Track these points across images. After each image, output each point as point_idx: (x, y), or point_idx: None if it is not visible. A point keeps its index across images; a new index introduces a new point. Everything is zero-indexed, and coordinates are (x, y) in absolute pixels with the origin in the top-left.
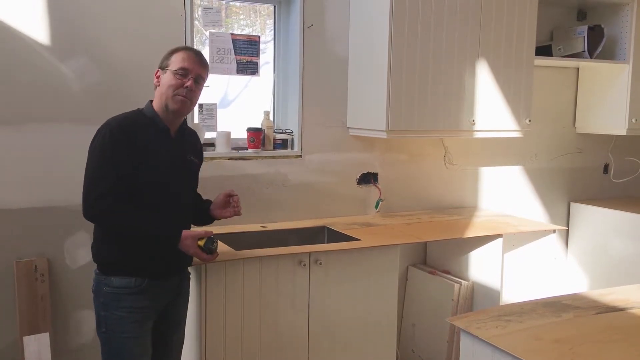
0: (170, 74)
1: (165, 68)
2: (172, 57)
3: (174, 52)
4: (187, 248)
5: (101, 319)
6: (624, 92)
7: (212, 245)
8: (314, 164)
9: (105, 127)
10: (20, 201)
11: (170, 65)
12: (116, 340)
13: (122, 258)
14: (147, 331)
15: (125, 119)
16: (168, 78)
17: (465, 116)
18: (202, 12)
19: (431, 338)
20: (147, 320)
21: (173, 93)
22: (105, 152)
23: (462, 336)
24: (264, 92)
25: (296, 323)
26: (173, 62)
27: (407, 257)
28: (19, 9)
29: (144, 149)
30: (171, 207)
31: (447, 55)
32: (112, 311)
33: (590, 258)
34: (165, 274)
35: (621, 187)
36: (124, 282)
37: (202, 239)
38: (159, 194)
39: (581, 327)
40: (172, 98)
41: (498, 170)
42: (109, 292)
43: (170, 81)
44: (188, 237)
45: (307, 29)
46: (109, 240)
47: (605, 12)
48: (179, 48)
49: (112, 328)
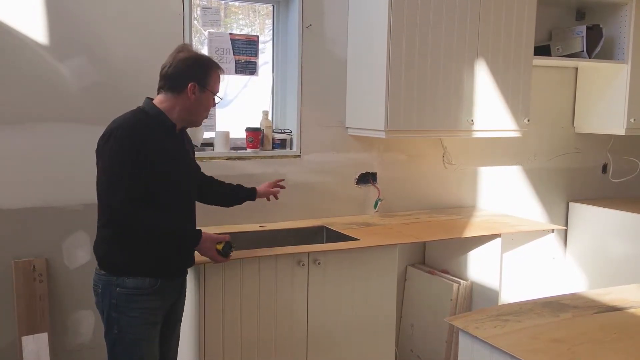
0: (211, 97)
1: (204, 86)
2: (212, 76)
3: (212, 69)
4: (206, 250)
5: (112, 320)
6: (623, 91)
7: (230, 250)
8: (313, 163)
9: (120, 131)
10: (18, 201)
11: (211, 86)
12: (128, 342)
13: (136, 259)
14: (157, 332)
15: (136, 122)
16: (209, 100)
17: (464, 116)
18: (201, 12)
19: (430, 338)
20: (157, 321)
21: (205, 114)
22: (124, 156)
23: (461, 336)
24: (263, 92)
25: (295, 323)
26: (213, 83)
27: (406, 257)
28: (18, 9)
29: (158, 150)
30: (184, 205)
31: (445, 55)
32: (125, 312)
33: (588, 258)
34: (176, 274)
35: (620, 186)
36: (137, 282)
37: (220, 243)
38: (173, 192)
39: (579, 327)
40: (201, 118)
41: (497, 170)
42: (122, 293)
43: (209, 104)
44: (207, 240)
45: (306, 29)
46: (122, 241)
47: (604, 12)
48: (213, 64)
49: (125, 329)
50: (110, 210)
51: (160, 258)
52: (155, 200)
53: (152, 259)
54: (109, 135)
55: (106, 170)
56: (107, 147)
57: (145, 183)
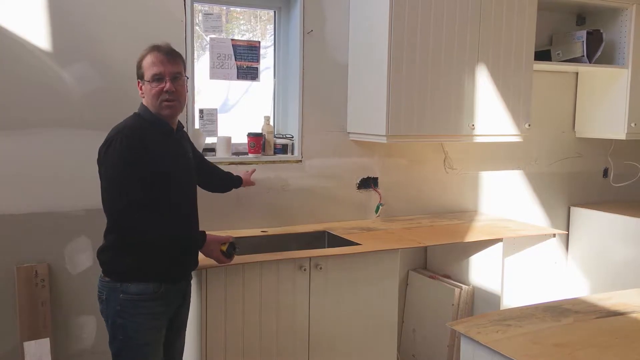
0: (148, 85)
1: (141, 78)
2: (143, 64)
3: (143, 58)
4: (210, 252)
5: (117, 327)
6: (623, 96)
7: (234, 250)
8: (314, 168)
9: (121, 137)
10: (20, 206)
11: (145, 74)
12: (134, 348)
13: (139, 264)
14: (162, 337)
15: (137, 127)
16: (147, 89)
17: (465, 121)
18: (203, 18)
19: (432, 343)
20: (162, 326)
21: (158, 101)
22: (125, 162)
23: (463, 341)
24: (264, 97)
25: (296, 328)
26: (145, 70)
27: (407, 261)
28: (21, 15)
29: (159, 154)
30: (187, 208)
31: (446, 60)
32: (130, 318)
33: (590, 262)
34: (180, 278)
35: (621, 191)
36: (141, 288)
37: (225, 244)
38: (175, 196)
39: (581, 332)
40: (160, 105)
41: (498, 174)
42: (126, 299)
43: (150, 91)
44: (212, 241)
45: (307, 35)
46: (125, 247)
47: (604, 17)
48: (146, 50)
49: (130, 335)
50: (114, 217)
51: (163, 263)
52: (159, 205)
53: (155, 264)
54: (109, 143)
55: (108, 177)
56: (108, 154)
57: (148, 188)
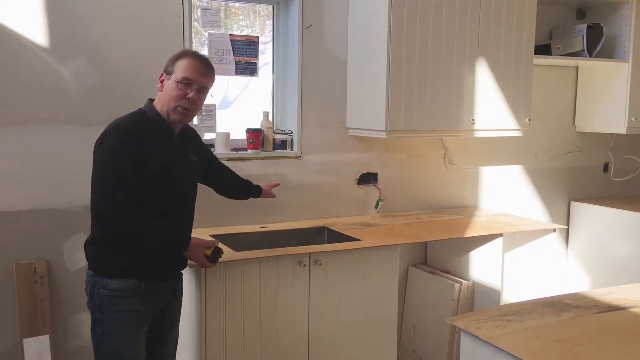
0: (174, 84)
1: (169, 73)
2: (178, 63)
3: (181, 58)
4: (193, 255)
5: (97, 321)
6: (624, 90)
7: (219, 255)
8: (314, 164)
9: (116, 133)
10: (19, 203)
11: (175, 73)
12: (111, 344)
13: (120, 260)
14: (143, 334)
15: (134, 124)
16: (171, 87)
17: (465, 116)
18: (201, 13)
19: (432, 338)
20: (143, 323)
21: (175, 105)
22: (118, 158)
23: (463, 336)
24: (263, 93)
25: (296, 324)
26: (178, 70)
27: (407, 257)
28: (19, 11)
29: (153, 154)
30: (178, 210)
31: (446, 55)
32: (109, 314)
33: (590, 257)
34: (162, 276)
35: (621, 185)
36: (120, 284)
37: (209, 248)
38: (166, 197)
39: (582, 327)
40: (174, 109)
41: (498, 169)
42: (105, 295)
43: (172, 91)
44: (196, 245)
45: (306, 30)
46: (109, 243)
47: (605, 11)
48: (186, 53)
49: (108, 331)
50: (99, 211)
51: (144, 260)
52: (147, 204)
53: (135, 261)
54: (104, 137)
55: (98, 171)
56: (101, 148)
57: (137, 186)
